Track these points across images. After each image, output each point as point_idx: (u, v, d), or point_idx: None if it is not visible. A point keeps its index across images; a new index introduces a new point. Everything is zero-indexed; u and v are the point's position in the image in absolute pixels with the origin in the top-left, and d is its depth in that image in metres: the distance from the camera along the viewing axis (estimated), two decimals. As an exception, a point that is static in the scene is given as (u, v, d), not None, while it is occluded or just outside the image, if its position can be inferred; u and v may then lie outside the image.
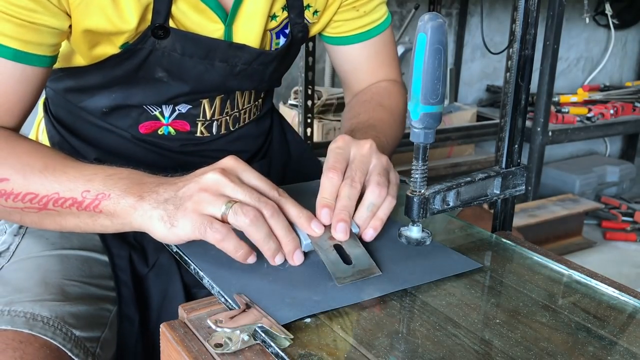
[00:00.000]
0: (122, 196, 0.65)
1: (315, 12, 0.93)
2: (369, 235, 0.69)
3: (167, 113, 0.88)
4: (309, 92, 2.11)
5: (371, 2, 0.97)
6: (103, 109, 0.87)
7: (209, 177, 0.64)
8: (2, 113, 0.75)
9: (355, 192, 0.68)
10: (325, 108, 2.31)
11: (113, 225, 0.67)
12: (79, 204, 0.66)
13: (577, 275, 0.68)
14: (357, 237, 0.69)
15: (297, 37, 0.92)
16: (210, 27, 0.82)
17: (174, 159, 0.91)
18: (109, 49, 0.80)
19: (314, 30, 0.96)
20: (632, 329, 0.58)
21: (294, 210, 0.65)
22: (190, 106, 0.88)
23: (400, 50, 2.30)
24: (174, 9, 0.78)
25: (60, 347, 0.66)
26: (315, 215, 0.67)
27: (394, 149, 0.97)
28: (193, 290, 0.83)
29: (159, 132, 0.89)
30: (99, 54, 0.81)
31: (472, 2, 2.89)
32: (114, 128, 0.89)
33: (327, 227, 0.67)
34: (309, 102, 2.13)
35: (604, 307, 0.62)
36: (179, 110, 0.88)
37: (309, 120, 2.15)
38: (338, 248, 0.66)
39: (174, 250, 0.69)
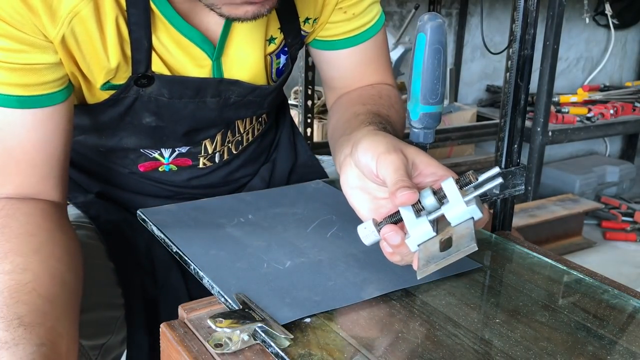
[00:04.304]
0: None
1: (315, 20, 0.85)
2: None
3: (166, 154, 0.85)
4: (309, 92, 2.11)
5: (361, 3, 0.85)
6: (99, 149, 0.84)
7: None
8: (22, 173, 0.68)
9: None
10: (325, 108, 2.31)
11: None
12: None
13: (576, 275, 0.68)
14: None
15: (294, 55, 0.87)
16: (196, 70, 0.76)
17: (177, 192, 0.90)
18: (91, 89, 0.75)
19: (311, 38, 0.90)
20: (632, 329, 0.58)
21: None
22: (191, 146, 0.85)
23: (400, 50, 2.29)
24: (155, 42, 0.73)
25: None
26: None
27: None
28: None
29: (160, 169, 0.86)
30: (79, 95, 0.76)
31: (472, 2, 2.89)
32: (113, 165, 0.86)
33: None
34: (309, 102, 2.13)
35: (604, 307, 0.62)
36: (179, 150, 0.85)
37: (309, 120, 2.15)
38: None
39: (174, 250, 0.69)
